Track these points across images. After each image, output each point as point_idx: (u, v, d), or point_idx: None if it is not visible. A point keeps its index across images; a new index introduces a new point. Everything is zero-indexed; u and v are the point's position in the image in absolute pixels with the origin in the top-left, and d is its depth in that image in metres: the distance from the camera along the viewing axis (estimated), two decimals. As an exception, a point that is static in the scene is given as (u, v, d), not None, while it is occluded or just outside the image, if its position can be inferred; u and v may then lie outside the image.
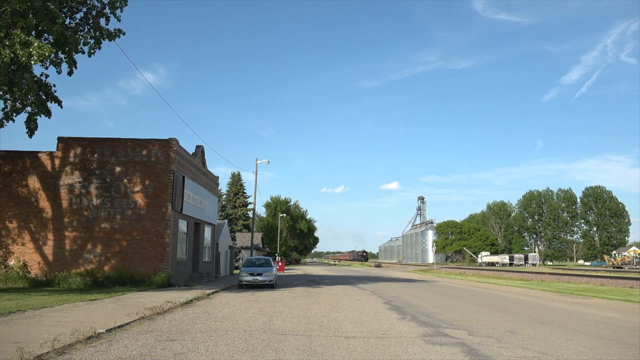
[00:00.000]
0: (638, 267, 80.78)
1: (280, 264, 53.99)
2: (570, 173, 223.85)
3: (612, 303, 19.20)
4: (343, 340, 9.48)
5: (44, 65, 19.76)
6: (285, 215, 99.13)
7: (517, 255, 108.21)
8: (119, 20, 21.18)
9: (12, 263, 23.67)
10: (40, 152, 24.94)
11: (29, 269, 23.67)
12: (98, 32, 20.57)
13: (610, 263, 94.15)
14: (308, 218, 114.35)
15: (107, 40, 20.78)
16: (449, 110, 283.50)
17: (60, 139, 25.04)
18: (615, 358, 8.23)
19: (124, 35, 21.13)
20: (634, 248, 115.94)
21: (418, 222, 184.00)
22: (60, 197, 24.47)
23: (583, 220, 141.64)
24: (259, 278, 24.72)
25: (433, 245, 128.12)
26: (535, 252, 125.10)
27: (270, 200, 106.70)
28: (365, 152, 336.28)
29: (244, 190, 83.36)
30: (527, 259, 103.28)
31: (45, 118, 21.34)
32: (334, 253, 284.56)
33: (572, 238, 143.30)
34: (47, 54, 16.13)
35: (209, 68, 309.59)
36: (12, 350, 7.54)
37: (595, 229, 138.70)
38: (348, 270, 68.70)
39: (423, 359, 7.89)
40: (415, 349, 8.69)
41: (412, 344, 9.17)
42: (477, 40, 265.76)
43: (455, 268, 73.93)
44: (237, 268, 51.37)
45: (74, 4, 20.08)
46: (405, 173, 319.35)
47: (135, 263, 24.00)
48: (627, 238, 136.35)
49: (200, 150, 31.59)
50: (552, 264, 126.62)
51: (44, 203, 24.45)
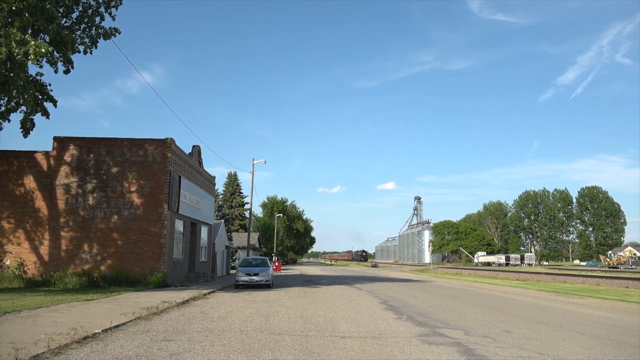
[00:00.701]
0: (633, 267, 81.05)
1: (277, 264, 53.95)
2: (566, 173, 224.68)
3: (607, 303, 19.27)
4: (339, 340, 9.49)
5: (40, 65, 19.70)
6: (282, 215, 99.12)
7: (513, 255, 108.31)
8: (114, 19, 21.14)
9: (7, 263, 23.62)
10: (36, 151, 24.87)
11: (25, 269, 23.60)
12: (94, 31, 20.51)
13: (606, 263, 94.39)
14: (305, 218, 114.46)
15: (103, 39, 20.73)
16: (446, 111, 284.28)
17: (56, 139, 24.97)
18: (611, 358, 8.26)
19: (120, 35, 21.09)
20: (630, 248, 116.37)
21: (415, 222, 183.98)
22: (56, 197, 24.40)
23: (579, 221, 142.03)
24: (256, 278, 24.70)
25: (429, 245, 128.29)
26: (532, 252, 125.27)
27: (267, 200, 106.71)
28: (362, 152, 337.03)
29: (241, 190, 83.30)
30: (523, 259, 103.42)
31: (42, 117, 21.26)
32: (331, 253, 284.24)
33: (568, 238, 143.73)
34: (44, 52, 16.08)
35: (206, 68, 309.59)
36: (7, 351, 7.52)
37: (591, 229, 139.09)
38: (344, 271, 68.73)
39: (419, 359, 7.90)
40: (412, 349, 8.70)
41: (408, 344, 9.19)
42: (473, 41, 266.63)
43: (452, 268, 74.04)
44: (233, 268, 51.29)
45: (70, 3, 20.02)
46: (402, 173, 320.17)
47: (132, 263, 23.94)
48: (622, 238, 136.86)
49: (197, 150, 31.53)
50: (548, 264, 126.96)
51: (40, 203, 24.37)
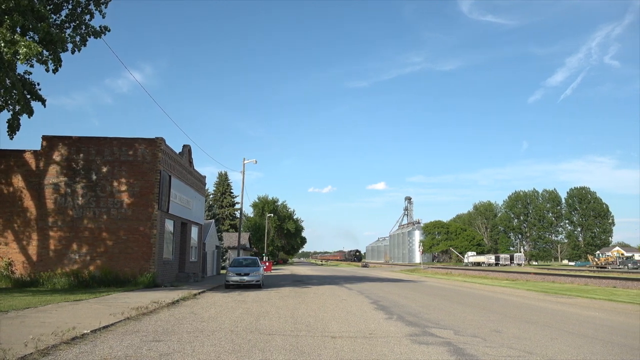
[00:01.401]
0: (621, 267, 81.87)
1: (268, 264, 53.86)
2: (555, 174, 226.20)
3: (595, 302, 19.44)
4: (330, 340, 9.49)
5: (30, 64, 19.51)
6: (273, 215, 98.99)
7: (502, 255, 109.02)
8: (104, 17, 20.99)
9: (-5, 263, 23.35)
10: (25, 150, 24.63)
11: (13, 269, 23.38)
12: (84, 29, 20.35)
13: (594, 263, 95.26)
14: (295, 218, 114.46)
15: (92, 38, 20.58)
16: (436, 111, 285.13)
17: (45, 138, 24.75)
18: (599, 356, 8.34)
19: (110, 33, 20.95)
20: (617, 248, 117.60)
21: (405, 222, 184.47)
22: (45, 196, 24.18)
23: (568, 221, 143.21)
24: (246, 278, 24.66)
25: (420, 246, 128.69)
26: (521, 252, 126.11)
27: (258, 200, 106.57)
28: (353, 152, 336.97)
29: (231, 190, 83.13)
30: (512, 259, 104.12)
31: (26, 116, 20.89)
32: (322, 253, 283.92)
33: (556, 238, 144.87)
34: (34, 53, 15.95)
35: (197, 67, 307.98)
36: (-6, 352, 7.44)
37: (580, 230, 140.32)
38: (335, 270, 68.77)
39: (409, 359, 7.92)
40: (402, 349, 8.73)
41: (398, 344, 9.21)
42: (463, 42, 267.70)
43: (442, 268, 74.34)
44: (224, 268, 51.16)
45: (60, 1, 19.86)
46: (392, 173, 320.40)
47: (121, 263, 23.79)
48: (610, 238, 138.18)
49: (187, 150, 31.42)
50: (537, 264, 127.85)
51: (28, 202, 24.14)
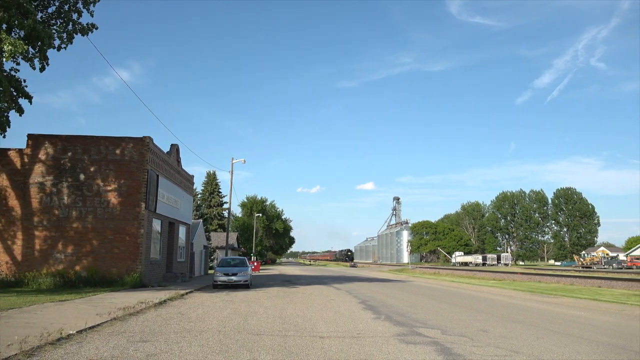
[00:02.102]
0: (606, 267, 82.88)
1: (256, 264, 53.77)
2: (542, 174, 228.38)
3: (581, 302, 19.65)
4: (318, 340, 9.49)
5: (16, 61, 19.25)
6: (261, 215, 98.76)
7: (490, 255, 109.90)
8: (92, 15, 20.77)
9: (-22, 263, 23.03)
10: (9, 149, 24.32)
11: (-3, 269, 23.07)
12: (71, 26, 20.12)
13: (580, 263, 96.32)
14: (284, 218, 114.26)
15: (80, 35, 20.36)
16: (425, 112, 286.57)
17: (30, 136, 24.46)
18: (584, 355, 8.42)
19: (98, 30, 20.73)
20: (603, 248, 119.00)
21: (393, 222, 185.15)
22: (30, 195, 23.90)
23: (554, 221, 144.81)
24: (234, 278, 24.59)
25: (408, 246, 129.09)
26: (508, 252, 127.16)
27: (246, 200, 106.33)
28: (341, 152, 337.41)
29: (220, 190, 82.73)
30: (499, 259, 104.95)
31: (14, 114, 20.63)
32: (311, 253, 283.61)
33: (543, 238, 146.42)
34: (19, 51, 15.75)
35: (186, 67, 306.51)
36: (-23, 353, 7.33)
37: (566, 230, 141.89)
38: (323, 270, 68.79)
39: (397, 359, 7.94)
40: (390, 348, 8.75)
41: (386, 344, 9.23)
42: (452, 43, 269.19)
43: (430, 268, 74.70)
44: (211, 268, 50.94)
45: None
46: (381, 173, 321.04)
47: (108, 263, 23.60)
48: (596, 239, 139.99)
49: (175, 149, 31.25)
50: (523, 264, 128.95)
51: (13, 202, 23.84)
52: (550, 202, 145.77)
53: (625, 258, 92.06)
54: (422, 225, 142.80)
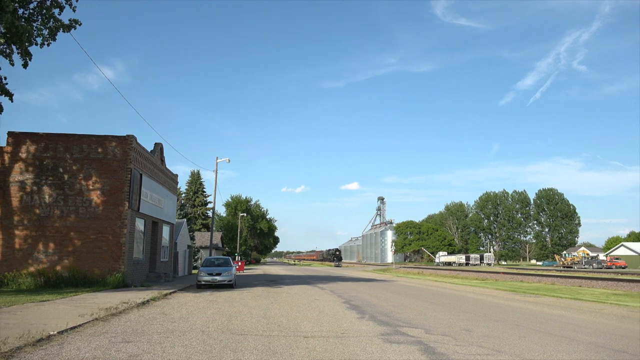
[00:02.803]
0: (586, 266, 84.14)
1: (240, 264, 53.55)
2: (525, 175, 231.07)
3: (561, 301, 19.91)
4: (302, 340, 9.49)
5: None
6: (246, 215, 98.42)
7: (473, 255, 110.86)
8: (74, 11, 20.47)
9: (-44, 263, 22.60)
10: (-11, 147, 23.91)
11: (-25, 269, 22.66)
12: (52, 22, 19.82)
13: (561, 263, 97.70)
14: (268, 218, 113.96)
15: (62, 32, 20.05)
16: (410, 112, 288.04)
17: (11, 134, 24.06)
18: (565, 354, 8.54)
19: (81, 27, 20.44)
20: (583, 248, 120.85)
21: (378, 222, 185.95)
22: (10, 194, 23.51)
23: (536, 222, 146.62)
24: (218, 278, 24.47)
25: (392, 245, 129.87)
26: (491, 252, 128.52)
27: (231, 200, 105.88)
28: (327, 152, 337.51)
29: (204, 189, 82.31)
30: (482, 259, 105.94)
31: None
32: (297, 253, 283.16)
33: (525, 238, 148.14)
34: None
35: (170, 65, 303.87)
36: (-45, 354, 7.20)
37: (547, 230, 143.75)
38: (308, 270, 68.75)
39: (381, 358, 7.97)
40: (374, 348, 8.78)
41: (370, 343, 9.26)
42: (437, 44, 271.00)
43: (414, 268, 75.11)
44: (195, 268, 50.66)
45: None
46: (366, 173, 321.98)
47: (90, 263, 23.32)
48: (576, 239, 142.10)
49: (159, 148, 31.00)
50: (506, 264, 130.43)
51: (-7, 200, 23.44)
52: (533, 202, 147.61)
53: (605, 258, 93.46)
54: (406, 225, 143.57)
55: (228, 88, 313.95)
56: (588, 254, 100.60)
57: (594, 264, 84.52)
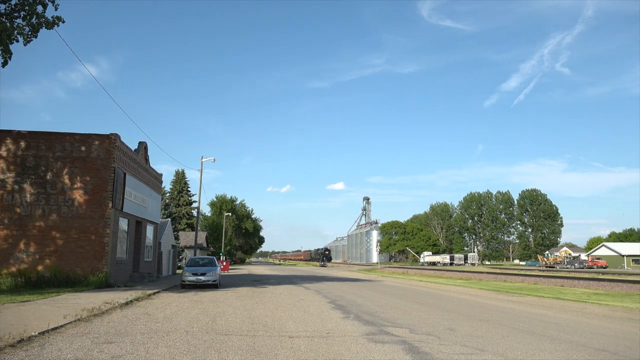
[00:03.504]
0: (568, 266, 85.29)
1: (225, 264, 53.31)
2: (509, 176, 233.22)
3: (544, 301, 20.15)
4: (287, 340, 9.47)
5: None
6: (231, 215, 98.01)
7: (457, 255, 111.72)
8: (56, 9, 20.20)
9: None
10: (-31, 144, 23.50)
11: (-46, 269, 22.25)
12: (35, 19, 19.53)
13: (544, 263, 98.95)
14: (254, 217, 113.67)
15: (45, 29, 19.78)
16: (395, 113, 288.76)
17: (-9, 132, 23.69)
18: (547, 353, 8.64)
19: (65, 24, 20.19)
20: (565, 248, 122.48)
21: (363, 222, 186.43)
22: (-9, 192, 23.13)
23: (519, 222, 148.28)
24: (202, 278, 24.34)
25: (377, 245, 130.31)
26: (475, 252, 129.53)
27: (216, 199, 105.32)
28: (312, 152, 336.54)
29: (188, 189, 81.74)
30: (466, 259, 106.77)
31: None
32: (283, 252, 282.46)
33: (508, 239, 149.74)
34: None
35: (155, 64, 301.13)
36: None
37: (530, 230, 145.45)
38: (293, 270, 68.68)
39: (366, 358, 7.99)
40: (359, 348, 8.80)
41: (355, 343, 9.28)
42: (423, 45, 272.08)
43: (399, 267, 75.47)
44: (180, 268, 50.30)
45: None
46: (351, 173, 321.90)
47: (72, 263, 23.04)
48: (559, 239, 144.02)
49: (144, 147, 30.74)
50: (489, 264, 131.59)
51: (-28, 199, 23.04)
52: (516, 203, 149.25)
53: (587, 258, 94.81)
54: (391, 226, 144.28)
55: (213, 87, 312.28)
56: (570, 254, 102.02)
57: (576, 264, 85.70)
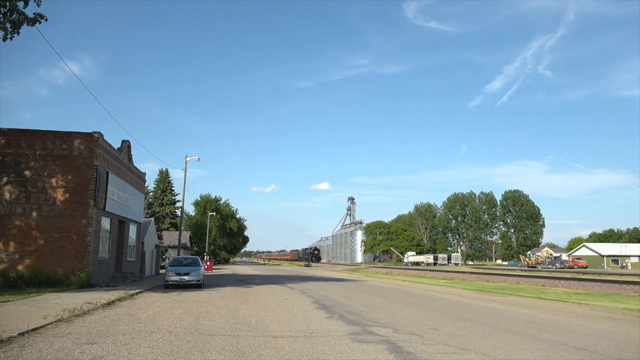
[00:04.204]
0: (550, 266, 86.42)
1: (209, 264, 53.03)
2: (492, 177, 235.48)
3: (526, 300, 20.38)
4: (271, 340, 9.45)
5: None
6: (215, 214, 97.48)
7: (441, 255, 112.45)
8: (39, 5, 19.88)
9: None
10: (-53, 142, 23.04)
11: None
12: (16, 15, 19.21)
13: (525, 263, 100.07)
14: (238, 217, 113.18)
15: (27, 25, 19.46)
16: (380, 113, 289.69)
17: (-30, 129, 23.27)
18: (528, 352, 8.74)
19: (46, 21, 19.88)
20: (547, 249, 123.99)
21: (348, 222, 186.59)
22: (-31, 191, 22.71)
23: (502, 222, 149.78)
24: (186, 278, 24.18)
25: (362, 245, 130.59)
26: (458, 252, 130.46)
27: (200, 199, 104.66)
28: (296, 152, 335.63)
29: (172, 188, 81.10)
30: (450, 259, 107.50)
31: None
32: (268, 252, 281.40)
33: (491, 239, 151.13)
34: None
35: (139, 63, 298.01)
36: None
37: (513, 231, 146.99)
38: (278, 270, 68.56)
39: (350, 358, 8.01)
40: (342, 347, 8.81)
41: (339, 343, 9.29)
42: (408, 47, 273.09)
43: (383, 267, 75.75)
44: (163, 268, 49.90)
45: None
46: (336, 174, 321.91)
47: (53, 262, 22.72)
48: (540, 239, 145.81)
49: (127, 145, 30.43)
50: (473, 264, 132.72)
51: (-50, 197, 22.60)
52: (499, 203, 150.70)
53: (568, 258, 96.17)
54: (375, 226, 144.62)
55: (198, 86, 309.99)
56: (551, 254, 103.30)
57: (557, 264, 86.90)
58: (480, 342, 9.66)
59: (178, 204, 79.20)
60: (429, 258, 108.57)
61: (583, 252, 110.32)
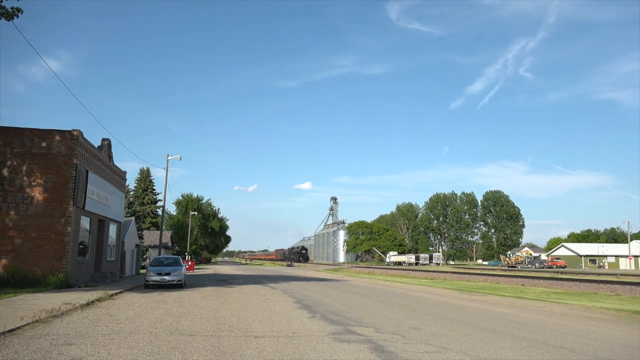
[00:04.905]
0: (529, 266, 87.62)
1: (190, 264, 52.64)
2: (473, 178, 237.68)
3: (506, 300, 20.62)
4: (253, 340, 9.42)
5: None
6: (197, 214, 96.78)
7: (422, 255, 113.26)
8: None
9: None
10: None
11: None
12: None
13: (506, 263, 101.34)
14: (220, 217, 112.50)
15: (3, 20, 19.10)
16: (363, 114, 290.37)
17: (-55, 126, 22.74)
18: (508, 350, 8.84)
19: (23, 15, 19.52)
20: (526, 249, 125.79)
21: (330, 222, 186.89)
22: (-56, 189, 22.20)
23: (483, 223, 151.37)
24: (167, 278, 23.97)
25: (344, 245, 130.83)
26: (439, 252, 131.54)
27: (181, 198, 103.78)
28: (279, 151, 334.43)
29: (153, 187, 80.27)
30: (431, 259, 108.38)
31: None
32: (250, 252, 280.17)
33: (472, 239, 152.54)
34: None
35: (120, 59, 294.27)
36: None
37: (493, 231, 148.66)
38: (260, 270, 68.34)
39: (332, 357, 8.01)
40: (324, 347, 8.82)
41: (321, 343, 9.30)
42: (390, 48, 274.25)
43: (365, 267, 75.97)
44: (144, 267, 49.38)
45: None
46: (318, 173, 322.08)
47: (31, 262, 22.32)
48: (520, 239, 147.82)
49: (107, 144, 30.05)
50: (454, 264, 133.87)
51: None
52: (480, 204, 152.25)
53: (547, 258, 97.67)
54: (358, 225, 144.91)
55: (180, 85, 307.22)
56: (531, 254, 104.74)
57: (536, 264, 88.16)
58: (461, 341, 9.75)
59: (159, 203, 78.42)
60: (411, 258, 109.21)
61: (562, 252, 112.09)
